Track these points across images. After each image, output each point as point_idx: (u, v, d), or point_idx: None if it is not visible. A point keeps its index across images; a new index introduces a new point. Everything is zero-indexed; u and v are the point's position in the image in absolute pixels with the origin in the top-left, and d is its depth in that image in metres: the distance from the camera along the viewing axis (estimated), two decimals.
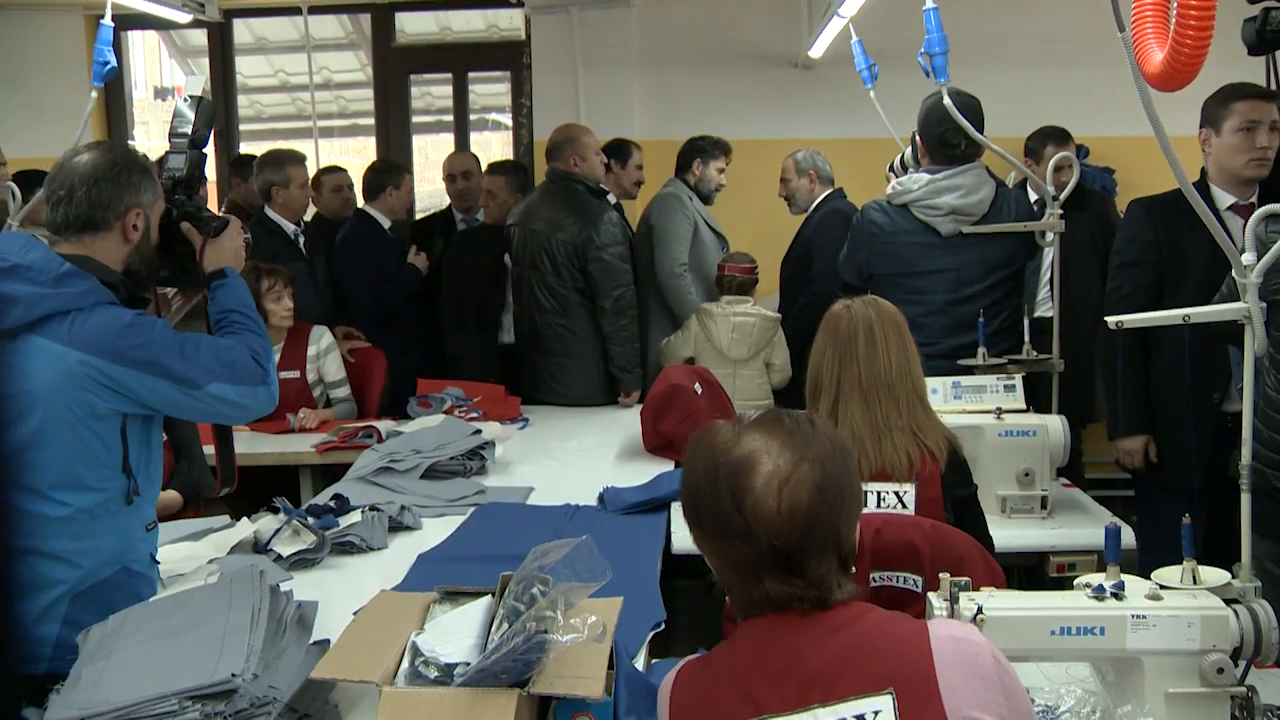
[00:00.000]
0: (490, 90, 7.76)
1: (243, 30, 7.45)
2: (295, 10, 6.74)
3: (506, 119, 7.32)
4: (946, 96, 3.44)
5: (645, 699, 1.88)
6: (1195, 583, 1.92)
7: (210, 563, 2.68)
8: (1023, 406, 3.25)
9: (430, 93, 7.71)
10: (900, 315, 2.58)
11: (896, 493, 2.47)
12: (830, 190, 5.17)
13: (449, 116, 7.21)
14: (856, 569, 2.16)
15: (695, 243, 5.10)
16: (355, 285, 5.19)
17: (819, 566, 1.50)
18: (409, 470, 3.59)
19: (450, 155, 5.86)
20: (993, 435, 3.12)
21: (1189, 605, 1.84)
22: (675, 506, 3.28)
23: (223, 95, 6.94)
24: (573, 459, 4.00)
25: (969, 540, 2.24)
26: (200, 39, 7.36)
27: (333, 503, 3.20)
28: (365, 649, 1.92)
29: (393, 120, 7.02)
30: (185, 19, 5.47)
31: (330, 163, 6.17)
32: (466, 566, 2.73)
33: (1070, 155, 3.97)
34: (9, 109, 6.22)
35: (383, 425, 4.16)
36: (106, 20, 3.64)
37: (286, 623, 2.06)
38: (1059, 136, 5.04)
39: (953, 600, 1.81)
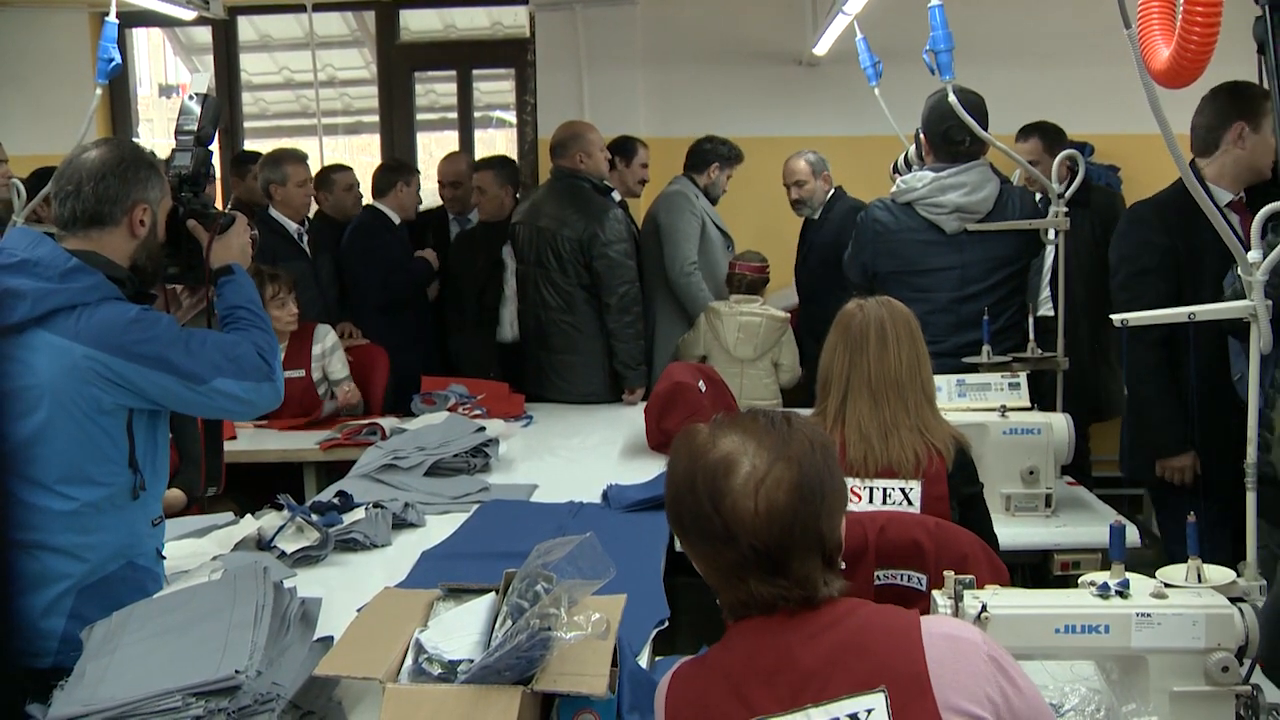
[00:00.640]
0: (494, 88, 7.77)
1: (247, 27, 7.46)
2: (300, 7, 6.74)
3: (511, 116, 7.33)
4: (951, 94, 3.44)
5: (648, 697, 1.87)
6: (1200, 581, 1.92)
7: (214, 559, 2.68)
8: (1027, 404, 3.24)
9: (434, 90, 7.71)
10: (913, 317, 2.58)
11: (903, 489, 2.47)
12: (832, 189, 5.17)
13: (453, 114, 7.21)
14: (861, 566, 2.18)
15: (703, 241, 5.09)
16: (367, 274, 5.20)
17: (803, 565, 1.49)
18: (413, 467, 3.59)
19: (442, 161, 5.79)
20: (997, 433, 3.12)
21: (1194, 604, 1.84)
22: None
23: (227, 92, 6.95)
24: (576, 456, 4.00)
25: (973, 538, 2.24)
26: (205, 36, 7.36)
27: (336, 500, 3.20)
28: (369, 646, 1.92)
29: (397, 118, 7.02)
30: (190, 16, 5.47)
31: (334, 160, 6.16)
32: (470, 564, 2.73)
33: (1075, 154, 3.94)
34: (13, 106, 6.22)
35: (386, 422, 4.17)
36: (111, 17, 3.64)
37: (290, 619, 2.06)
38: (1021, 133, 5.02)
39: (957, 598, 1.80)
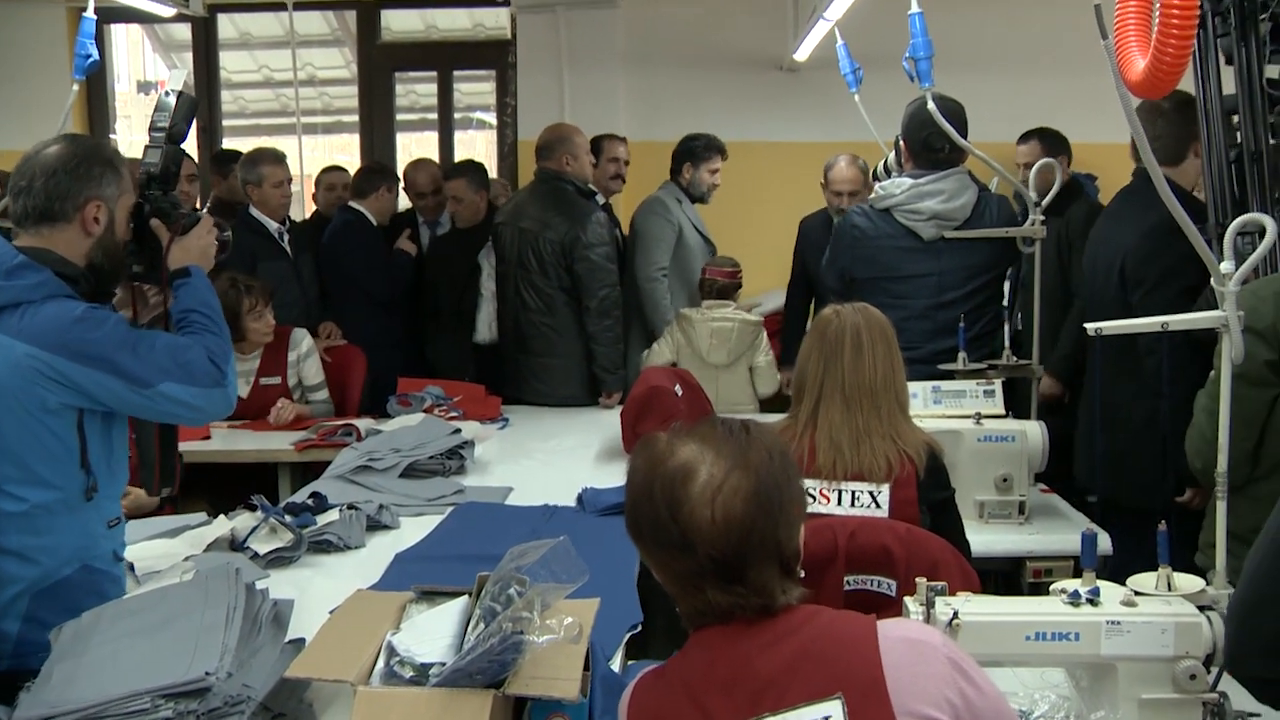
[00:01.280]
0: (475, 89, 7.77)
1: (227, 25, 7.44)
2: (280, 6, 6.73)
3: (491, 118, 7.32)
4: (930, 101, 3.45)
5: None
6: (1170, 590, 1.93)
7: (186, 560, 2.66)
8: (1002, 412, 3.25)
9: (415, 90, 7.70)
10: (889, 325, 2.59)
11: (871, 492, 2.46)
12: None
13: (433, 115, 7.20)
14: (831, 572, 2.18)
15: (680, 247, 5.05)
16: (361, 271, 5.18)
17: (760, 574, 1.49)
18: (388, 469, 3.58)
19: (409, 167, 5.72)
20: (971, 440, 3.12)
21: (1163, 612, 1.85)
22: None
23: (206, 90, 6.92)
24: (552, 459, 4.00)
25: (944, 544, 2.25)
26: (184, 33, 7.33)
27: (310, 501, 3.19)
28: (341, 648, 1.92)
29: (377, 118, 7.00)
30: (169, 13, 5.46)
31: (313, 159, 6.15)
32: (444, 566, 2.72)
33: (1052, 162, 3.97)
34: None
35: (362, 424, 4.16)
36: (89, 13, 3.62)
37: (262, 621, 2.05)
38: (1023, 137, 5.03)
39: (929, 605, 1.81)
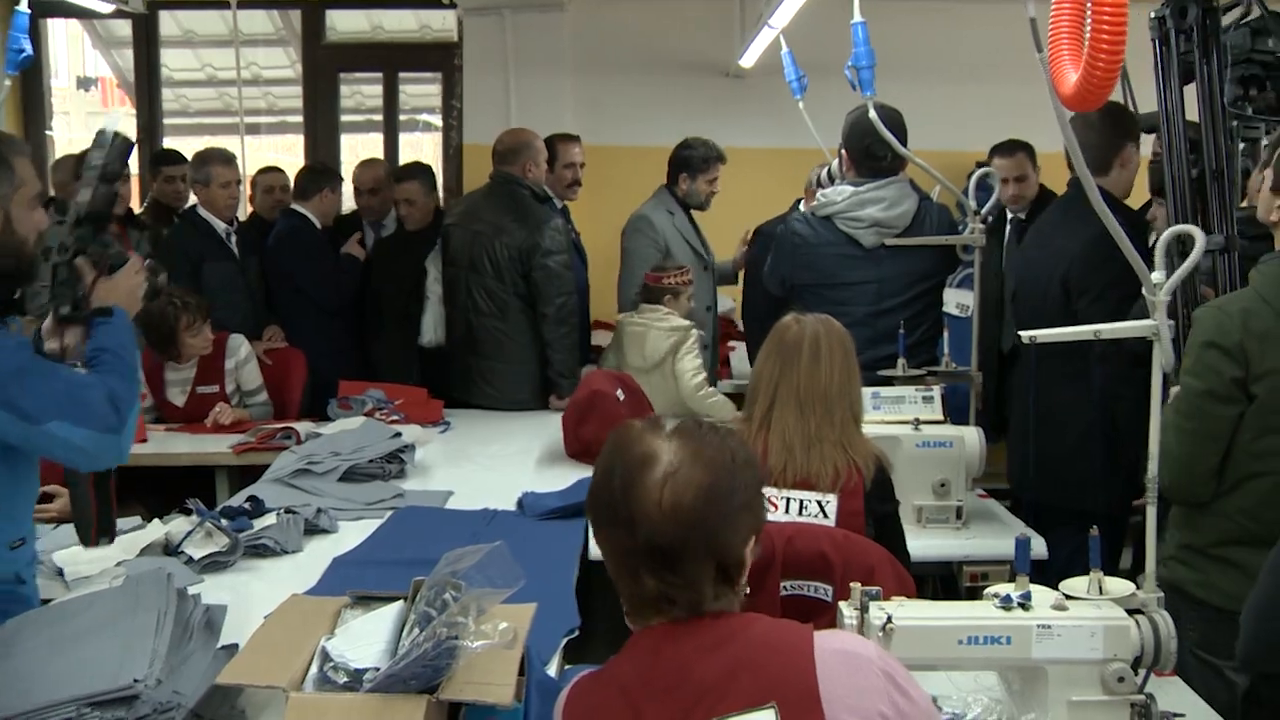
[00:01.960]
0: (421, 91, 7.72)
1: (169, 22, 7.34)
2: (224, 4, 6.64)
3: (437, 120, 7.28)
4: (872, 109, 3.48)
5: None
6: (1101, 593, 1.96)
7: (118, 565, 2.63)
8: (940, 417, 3.28)
9: (361, 91, 7.66)
10: (850, 338, 2.62)
11: (819, 502, 2.48)
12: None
13: (379, 116, 7.16)
14: (768, 577, 2.19)
15: (668, 262, 4.92)
16: (305, 278, 5.12)
17: (694, 569, 1.50)
18: (327, 473, 3.54)
19: (359, 168, 5.64)
20: (910, 446, 3.15)
21: (1092, 615, 1.87)
22: None
23: (147, 88, 6.83)
24: (493, 463, 3.98)
25: (880, 550, 2.27)
26: (125, 30, 7.23)
27: (247, 505, 3.15)
28: (273, 654, 1.90)
29: (321, 118, 6.95)
30: (107, 9, 5.38)
31: (256, 159, 6.09)
32: (382, 570, 2.71)
33: (991, 170, 4.03)
34: None
35: (301, 427, 4.11)
36: (22, 7, 3.57)
37: (193, 627, 2.03)
38: (1006, 149, 5.06)
39: (863, 609, 1.82)
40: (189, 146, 6.02)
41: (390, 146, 7.05)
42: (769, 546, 2.20)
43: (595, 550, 2.99)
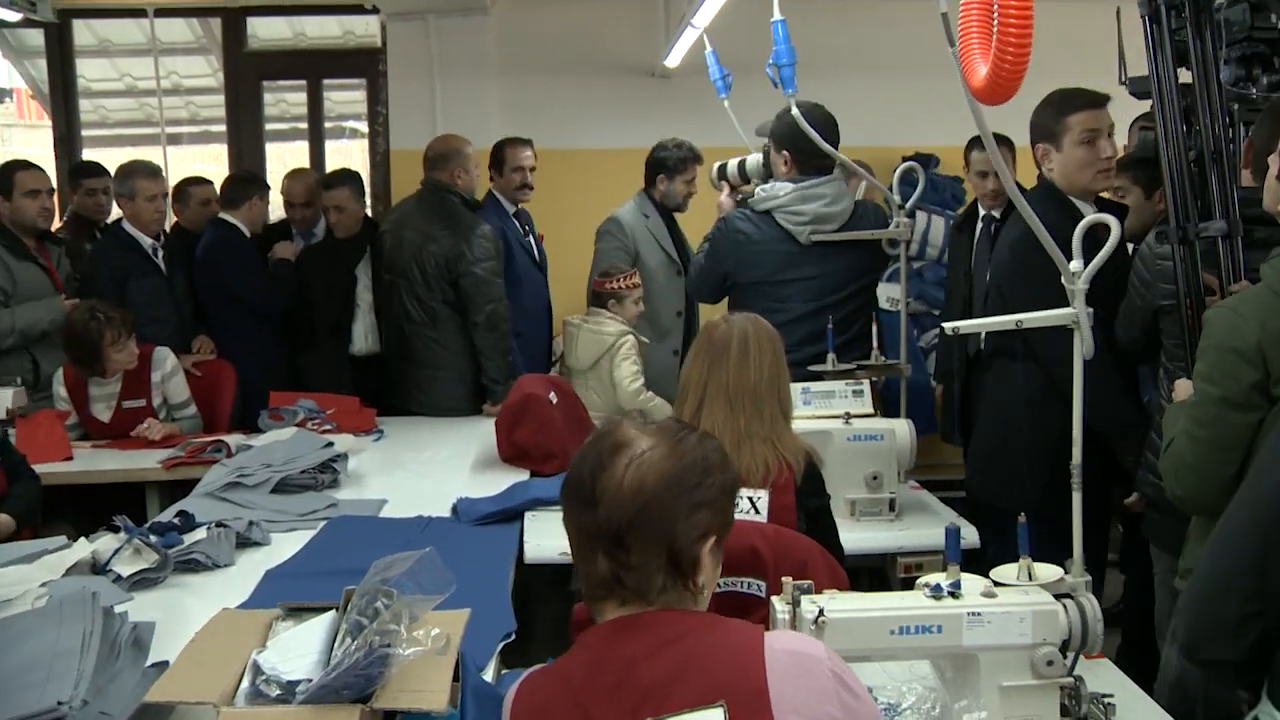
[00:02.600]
0: (346, 98, 7.63)
1: (84, 31, 7.18)
2: (140, 12, 6.54)
3: (363, 126, 7.22)
4: (794, 107, 3.50)
5: (493, 711, 1.85)
6: (1031, 580, 1.99)
7: (42, 586, 2.57)
8: (870, 411, 3.32)
9: (285, 99, 7.55)
10: (779, 338, 2.63)
11: (750, 498, 2.50)
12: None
13: (304, 124, 7.07)
14: None
15: (639, 267, 4.95)
16: (241, 286, 5.05)
17: (644, 553, 1.51)
18: (258, 485, 3.51)
19: (287, 177, 5.58)
20: (841, 440, 3.18)
21: (1021, 601, 1.90)
22: (529, 516, 3.27)
23: (63, 99, 6.70)
24: (427, 470, 3.96)
25: (811, 544, 2.28)
26: (38, 39, 7.06)
27: (177, 520, 3.12)
28: (203, 669, 1.87)
29: (245, 127, 6.86)
30: (14, 18, 5.26)
31: (180, 170, 5.99)
32: (315, 581, 2.67)
33: (915, 165, 4.07)
34: None
35: (232, 439, 4.08)
36: None
37: (121, 645, 2.00)
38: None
39: (794, 603, 1.83)
40: (109, 158, 5.91)
41: (316, 154, 6.97)
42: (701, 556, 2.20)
43: (529, 555, 3.02)
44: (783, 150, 3.89)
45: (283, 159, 7.05)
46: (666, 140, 5.08)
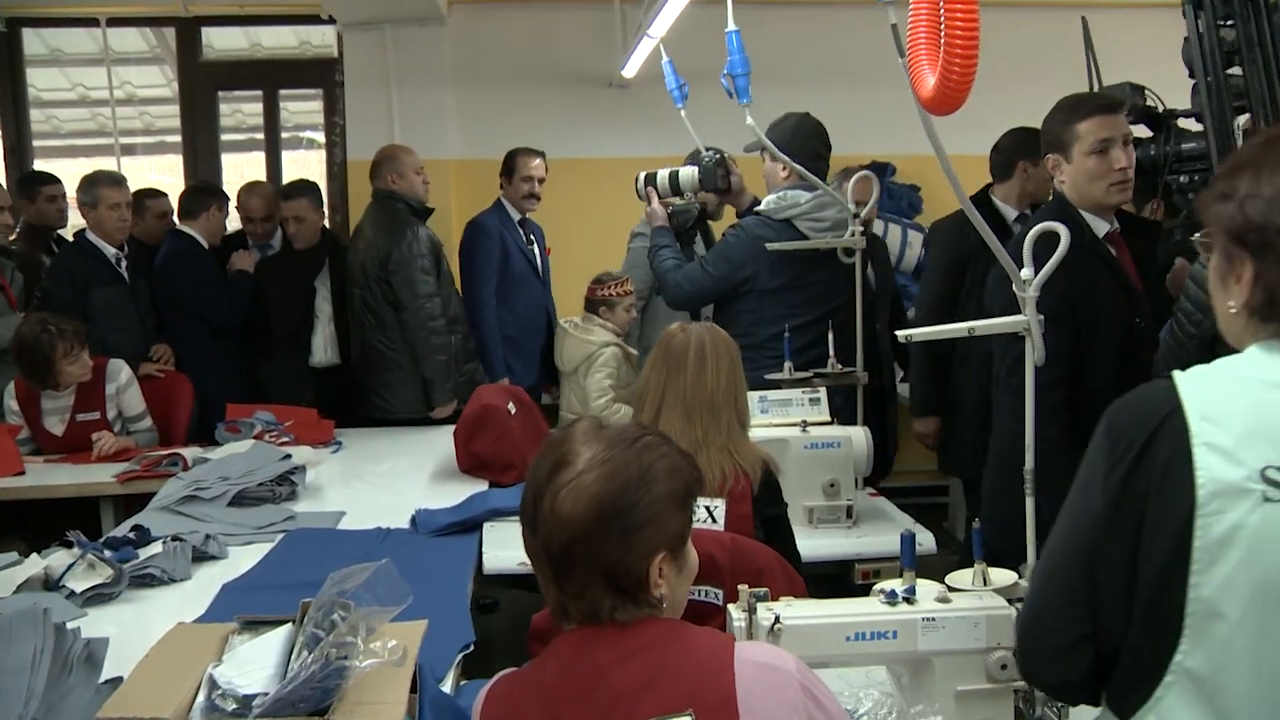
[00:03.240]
0: (303, 108, 7.58)
1: (34, 40, 7.10)
2: (93, 21, 6.48)
3: (320, 137, 7.18)
4: (749, 118, 3.52)
5: None
6: (985, 584, 2.01)
7: None
8: (827, 418, 3.33)
9: (241, 110, 7.48)
10: (735, 346, 2.65)
11: (708, 507, 2.51)
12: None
13: (260, 135, 7.02)
14: None
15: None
16: (199, 299, 5.05)
17: (583, 582, 1.50)
18: (215, 498, 3.48)
19: (243, 191, 5.56)
20: (798, 447, 3.19)
21: (975, 606, 1.92)
22: (488, 527, 3.27)
23: (14, 109, 6.63)
24: (385, 482, 3.95)
25: (768, 551, 2.29)
26: None
27: (132, 534, 3.08)
28: (158, 685, 1.86)
29: (200, 138, 6.81)
30: None
31: (135, 181, 5.92)
32: (273, 595, 2.66)
33: (869, 174, 4.10)
34: None
35: (188, 452, 4.04)
36: None
37: (73, 662, 1.97)
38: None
39: (751, 611, 1.84)
40: (62, 169, 5.86)
41: (273, 165, 6.93)
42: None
43: (487, 565, 3.02)
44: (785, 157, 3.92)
45: (239, 169, 6.99)
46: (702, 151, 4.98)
